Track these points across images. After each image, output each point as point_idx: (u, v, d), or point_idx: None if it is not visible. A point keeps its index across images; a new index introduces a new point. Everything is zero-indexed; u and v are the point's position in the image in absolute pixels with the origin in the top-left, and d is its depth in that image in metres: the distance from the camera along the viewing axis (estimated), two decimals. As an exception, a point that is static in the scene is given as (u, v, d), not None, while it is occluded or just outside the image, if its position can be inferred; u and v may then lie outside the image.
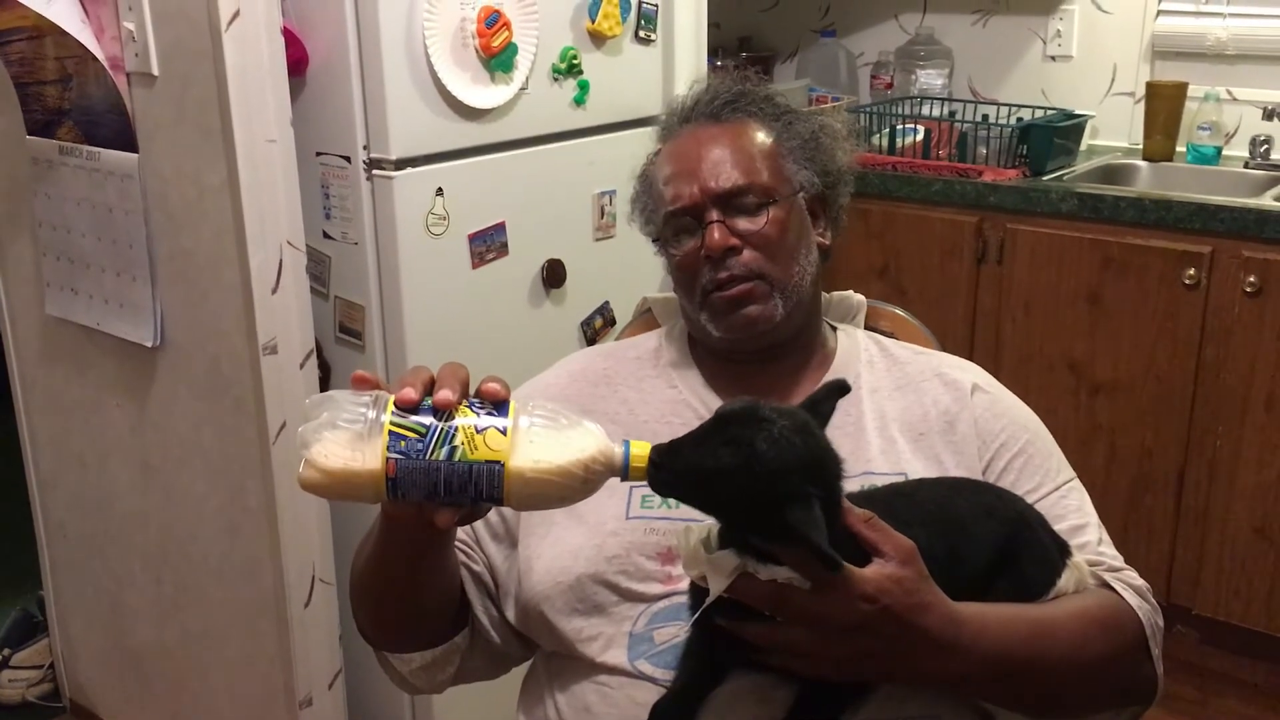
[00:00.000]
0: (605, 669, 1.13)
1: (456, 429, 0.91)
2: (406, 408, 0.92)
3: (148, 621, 2.37)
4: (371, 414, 0.92)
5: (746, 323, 1.24)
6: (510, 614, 1.23)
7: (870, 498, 1.03)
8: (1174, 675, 1.18)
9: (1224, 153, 2.96)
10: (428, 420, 0.92)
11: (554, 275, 2.22)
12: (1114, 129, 3.16)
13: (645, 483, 0.94)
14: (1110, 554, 1.18)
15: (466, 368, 0.96)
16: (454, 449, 0.91)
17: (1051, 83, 3.23)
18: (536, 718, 1.20)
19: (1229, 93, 2.97)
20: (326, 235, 2.05)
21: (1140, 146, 3.04)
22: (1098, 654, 1.08)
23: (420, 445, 0.90)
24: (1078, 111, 3.04)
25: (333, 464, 0.91)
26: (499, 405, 0.94)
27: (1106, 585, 1.13)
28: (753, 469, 0.89)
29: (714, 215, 1.23)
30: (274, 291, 1.90)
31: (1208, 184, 2.80)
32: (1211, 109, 2.94)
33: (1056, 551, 1.12)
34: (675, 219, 1.26)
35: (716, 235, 1.22)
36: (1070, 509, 1.20)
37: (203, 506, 2.14)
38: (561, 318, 2.27)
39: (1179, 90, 2.95)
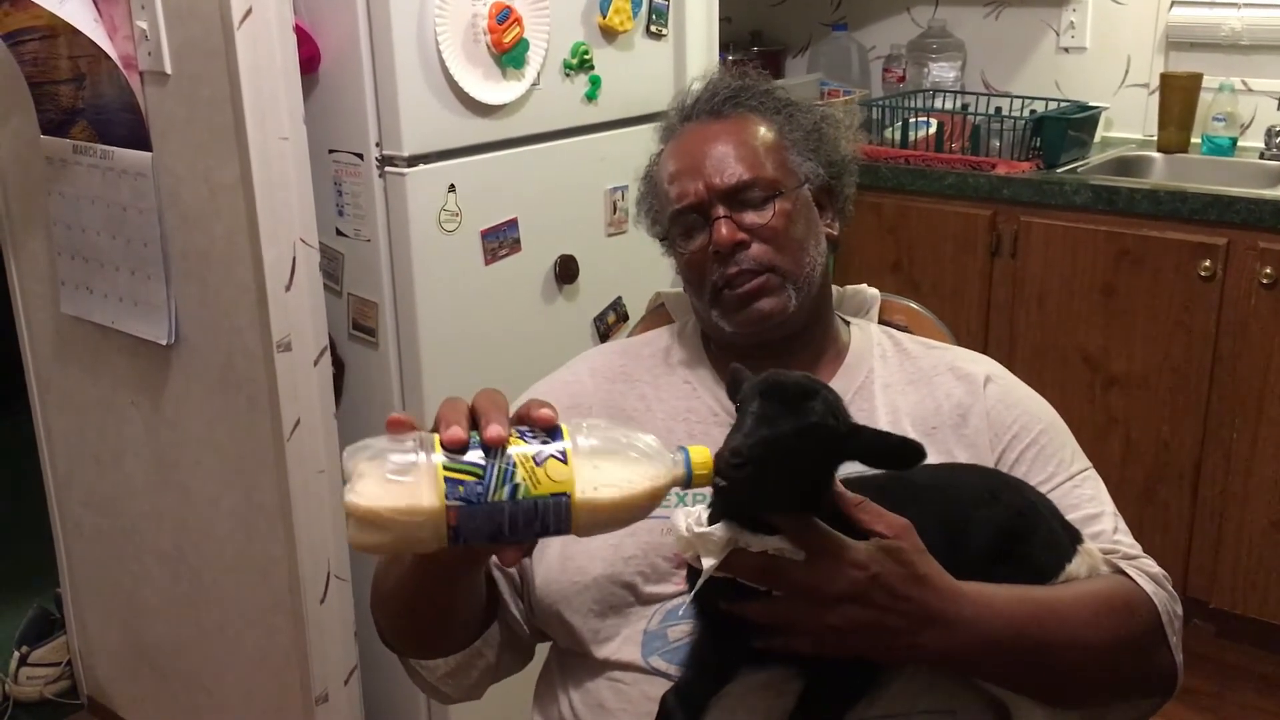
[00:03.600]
0: (619, 665, 1.13)
1: (514, 464, 0.86)
2: (456, 448, 0.86)
3: (164, 618, 2.38)
4: (421, 459, 0.85)
5: (760, 317, 1.23)
6: (529, 609, 1.23)
7: (865, 484, 1.03)
8: (1190, 668, 1.17)
9: (1239, 143, 2.94)
10: (482, 460, 0.86)
11: (567, 271, 2.22)
12: (1128, 121, 3.15)
13: (708, 488, 0.91)
14: (1127, 542, 1.17)
15: (502, 393, 0.91)
16: (516, 486, 0.85)
17: (1065, 74, 3.22)
18: (551, 716, 1.20)
19: (1244, 83, 2.95)
20: (339, 232, 2.05)
21: (1155, 138, 3.03)
22: (1109, 637, 1.07)
23: (480, 488, 0.85)
24: (1091, 103, 3.03)
25: (389, 521, 0.84)
26: (550, 430, 0.89)
27: (1121, 572, 1.12)
28: (832, 410, 0.93)
29: (720, 211, 1.23)
30: (287, 289, 1.90)
31: (1223, 175, 2.79)
32: (1226, 100, 2.92)
33: (1067, 538, 1.11)
34: (682, 217, 1.26)
35: (724, 231, 1.22)
36: (1084, 498, 1.19)
37: (217, 504, 2.14)
38: (574, 313, 2.27)
39: (1193, 81, 2.93)
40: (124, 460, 2.32)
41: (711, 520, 0.97)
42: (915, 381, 1.26)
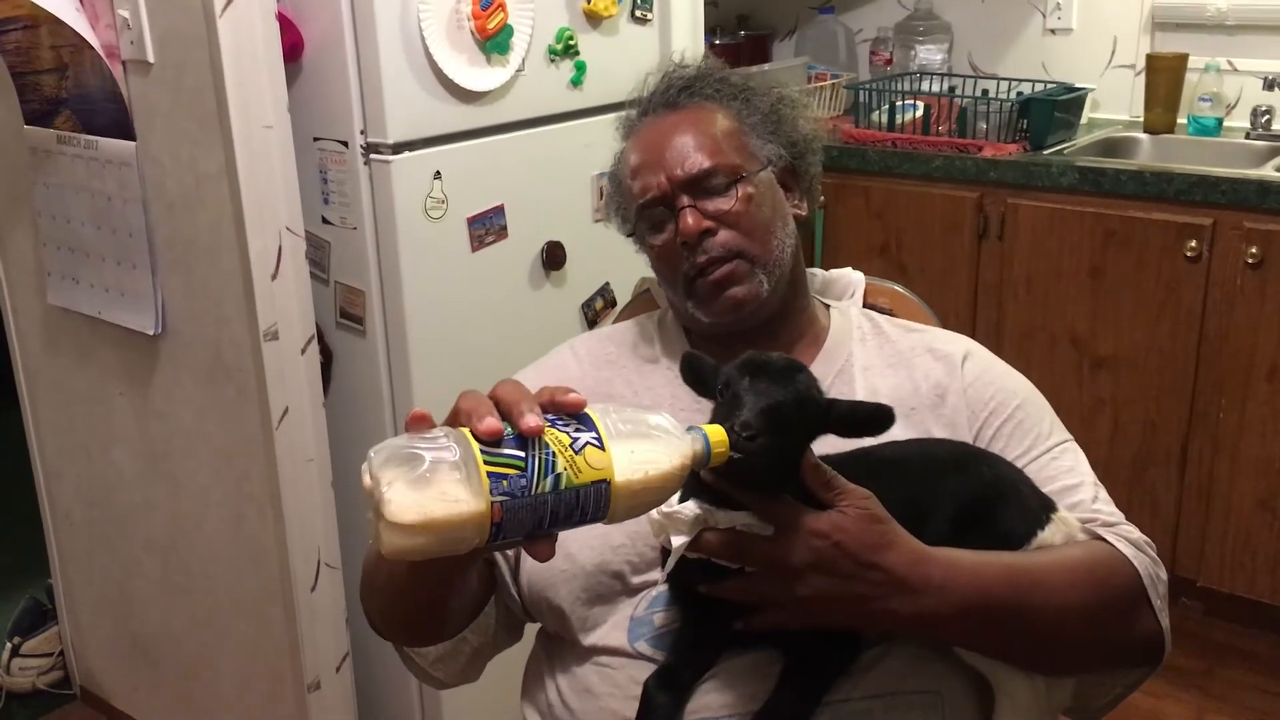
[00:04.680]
0: (606, 651, 1.14)
1: (554, 454, 0.83)
2: (492, 441, 0.83)
3: (156, 608, 2.38)
4: (458, 455, 0.81)
5: (734, 304, 1.24)
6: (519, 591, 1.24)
7: (827, 462, 1.04)
8: (1179, 647, 1.17)
9: (1225, 124, 2.94)
10: (520, 451, 0.82)
11: (554, 257, 2.22)
12: (1114, 102, 3.15)
13: (720, 465, 0.91)
14: (1107, 511, 1.17)
15: (521, 384, 0.89)
16: (558, 477, 0.82)
17: (1051, 56, 3.22)
18: (539, 702, 1.21)
19: (1230, 63, 2.96)
20: (325, 220, 2.05)
21: (1141, 119, 3.03)
22: (1086, 599, 1.07)
23: (523, 481, 0.82)
24: (1078, 85, 3.03)
25: (431, 523, 0.79)
26: (579, 417, 0.86)
27: (1099, 538, 1.12)
28: (813, 382, 0.97)
29: (684, 201, 1.23)
30: (274, 278, 1.90)
31: (1209, 156, 2.79)
32: (1212, 80, 2.93)
33: (1040, 507, 1.11)
34: (647, 211, 1.26)
35: (690, 220, 1.22)
36: (1062, 470, 1.19)
37: (207, 493, 2.15)
38: (562, 300, 2.27)
39: (1179, 62, 2.93)
40: (113, 451, 2.32)
41: (680, 500, 0.98)
42: (894, 364, 1.27)
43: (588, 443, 0.84)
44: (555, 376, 1.28)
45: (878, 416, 0.99)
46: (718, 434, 0.90)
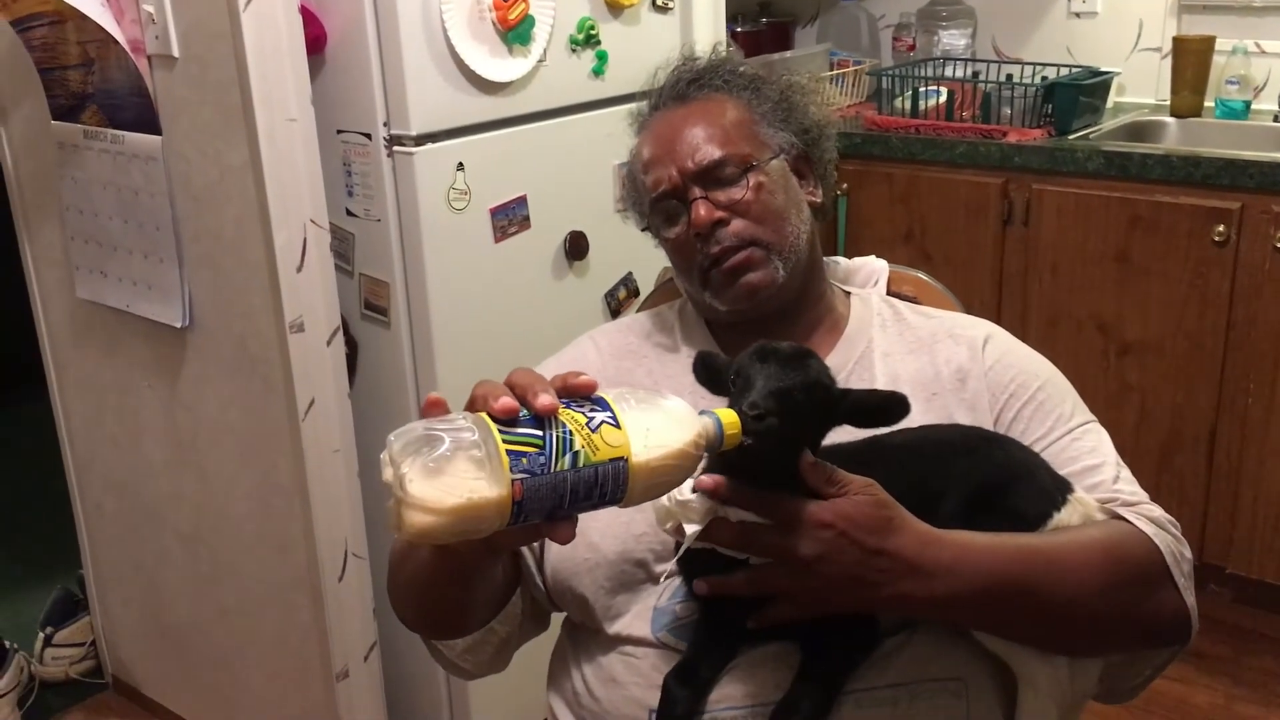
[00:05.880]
0: (630, 640, 1.14)
1: (571, 433, 0.83)
2: (509, 421, 0.83)
3: (185, 598, 2.40)
4: (475, 435, 0.82)
5: (749, 291, 1.24)
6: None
7: (838, 452, 1.04)
8: (1208, 634, 1.16)
9: (1253, 107, 2.91)
10: (537, 430, 0.83)
11: (576, 247, 2.22)
12: (1141, 85, 3.12)
13: (733, 447, 0.91)
14: (1128, 490, 1.16)
15: (534, 370, 0.91)
16: (576, 454, 0.83)
17: (1076, 40, 3.19)
18: (565, 691, 1.22)
19: (1257, 45, 2.93)
20: (350, 213, 2.06)
21: (1168, 103, 3.00)
22: (1104, 579, 1.06)
23: (542, 459, 0.82)
24: (1103, 69, 3.00)
25: (453, 503, 0.79)
26: (594, 399, 0.88)
27: (1119, 518, 1.11)
28: (825, 370, 0.98)
29: (696, 192, 1.24)
30: (299, 270, 1.91)
31: (1236, 139, 2.77)
32: (1240, 62, 2.90)
33: (1056, 489, 1.10)
34: (660, 204, 1.27)
35: (702, 211, 1.22)
36: (1084, 450, 1.18)
37: (235, 484, 2.16)
38: (585, 290, 2.27)
39: (1206, 44, 2.90)
40: (142, 442, 2.34)
41: (692, 490, 0.98)
42: (915, 350, 1.26)
43: (604, 421, 0.85)
44: (576, 367, 1.27)
45: (890, 405, 0.99)
46: (729, 416, 0.91)
